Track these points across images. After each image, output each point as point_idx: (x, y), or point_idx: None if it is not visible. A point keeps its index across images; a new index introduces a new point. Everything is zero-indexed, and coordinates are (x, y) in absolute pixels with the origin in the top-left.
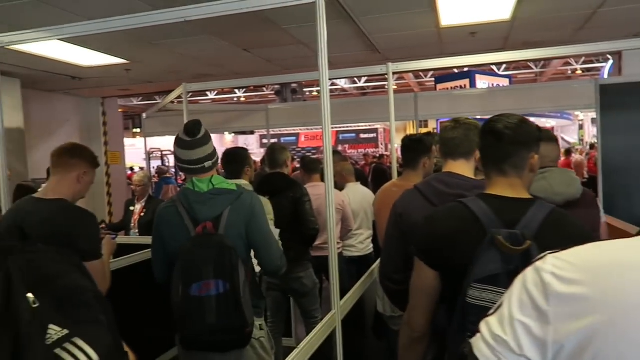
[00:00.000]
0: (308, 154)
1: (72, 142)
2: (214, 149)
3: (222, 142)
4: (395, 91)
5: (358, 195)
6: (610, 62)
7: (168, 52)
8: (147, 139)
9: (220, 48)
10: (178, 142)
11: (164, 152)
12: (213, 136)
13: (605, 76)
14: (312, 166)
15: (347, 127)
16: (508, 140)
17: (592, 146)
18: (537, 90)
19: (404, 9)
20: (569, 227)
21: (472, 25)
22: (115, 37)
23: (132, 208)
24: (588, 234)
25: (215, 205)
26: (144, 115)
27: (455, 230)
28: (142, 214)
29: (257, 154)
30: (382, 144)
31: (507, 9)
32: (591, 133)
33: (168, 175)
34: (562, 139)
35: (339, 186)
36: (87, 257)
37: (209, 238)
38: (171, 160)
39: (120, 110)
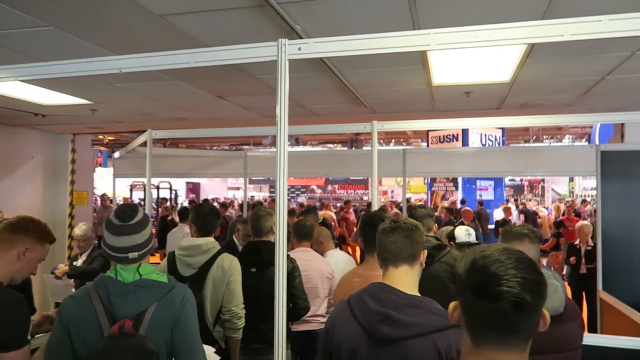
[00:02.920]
0: (296, 193)
1: (22, 216)
2: (149, 238)
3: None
4: (386, 138)
5: (340, 262)
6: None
7: (134, 95)
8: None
9: (192, 95)
10: (106, 224)
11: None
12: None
13: (596, 137)
14: (304, 231)
15: None
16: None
17: (582, 201)
18: (534, 153)
19: (393, 65)
20: None
21: (467, 85)
22: (75, 79)
23: (75, 263)
24: None
25: (139, 300)
26: (115, 154)
27: None
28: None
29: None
30: (370, 187)
31: (507, 71)
32: (581, 185)
33: None
34: (553, 189)
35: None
36: (2, 348)
37: (126, 340)
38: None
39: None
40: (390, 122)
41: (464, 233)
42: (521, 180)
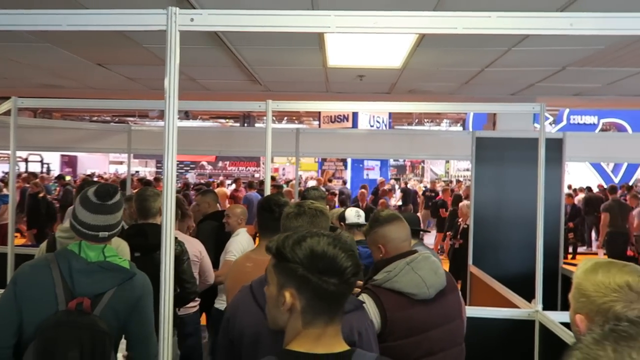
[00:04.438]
0: (185, 169)
1: None
2: (120, 219)
3: None
4: (279, 115)
5: (244, 244)
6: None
7: None
8: None
9: (67, 60)
10: (82, 200)
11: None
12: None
13: (470, 123)
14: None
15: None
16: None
17: (457, 181)
18: (418, 137)
19: (290, 44)
20: None
21: (361, 69)
22: None
23: None
24: None
25: (101, 281)
26: None
27: None
28: None
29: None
30: (263, 165)
31: (398, 58)
32: (456, 167)
33: (5, 193)
34: (431, 170)
35: (228, 230)
36: None
37: (82, 317)
38: (21, 167)
39: None
40: (285, 102)
41: (354, 214)
42: (404, 160)
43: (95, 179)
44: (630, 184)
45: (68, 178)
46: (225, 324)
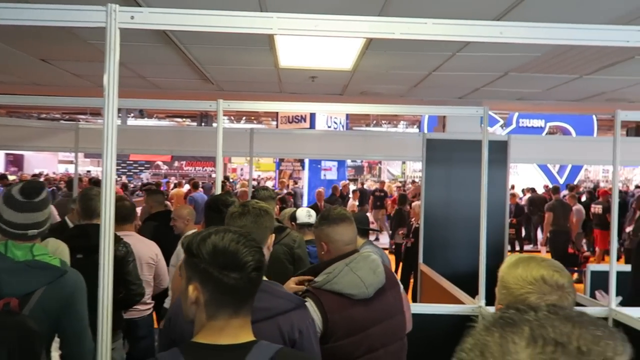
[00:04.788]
0: (139, 169)
1: None
2: (48, 216)
3: None
4: (237, 115)
5: None
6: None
7: None
8: None
9: (7, 55)
10: (6, 199)
11: None
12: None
13: (425, 125)
14: (123, 213)
15: None
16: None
17: (412, 182)
18: (372, 138)
19: (240, 44)
20: None
21: (313, 70)
22: None
23: None
24: None
25: (29, 281)
26: None
27: None
28: None
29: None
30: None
31: (349, 60)
32: (412, 167)
33: None
34: (388, 170)
35: (178, 232)
36: None
37: (9, 317)
38: None
39: None
40: (236, 102)
41: (305, 214)
42: (361, 161)
43: (42, 179)
44: (575, 184)
45: (13, 178)
46: (167, 323)
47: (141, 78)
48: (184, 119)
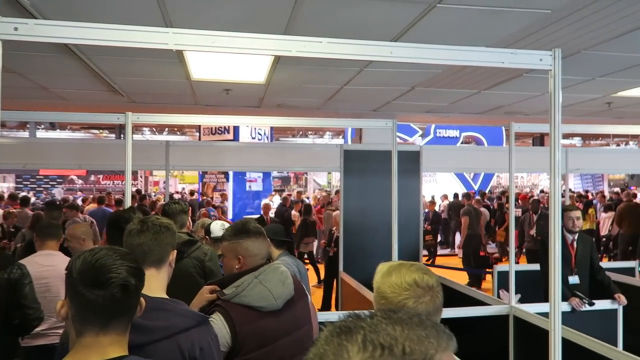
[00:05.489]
0: (50, 185)
1: None
2: None
3: None
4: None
5: None
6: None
7: None
8: None
9: None
10: None
11: None
12: None
13: (349, 137)
14: (48, 230)
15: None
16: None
17: (336, 192)
18: (293, 150)
19: (147, 56)
20: None
21: (226, 83)
22: None
23: None
24: None
25: None
26: None
27: None
28: None
29: None
30: (142, 178)
31: (261, 73)
32: (337, 177)
33: None
34: (314, 180)
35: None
36: None
37: None
38: None
39: None
40: (147, 115)
41: (219, 227)
42: (287, 172)
43: None
44: (487, 190)
45: None
46: (59, 348)
47: (43, 89)
48: (101, 131)
